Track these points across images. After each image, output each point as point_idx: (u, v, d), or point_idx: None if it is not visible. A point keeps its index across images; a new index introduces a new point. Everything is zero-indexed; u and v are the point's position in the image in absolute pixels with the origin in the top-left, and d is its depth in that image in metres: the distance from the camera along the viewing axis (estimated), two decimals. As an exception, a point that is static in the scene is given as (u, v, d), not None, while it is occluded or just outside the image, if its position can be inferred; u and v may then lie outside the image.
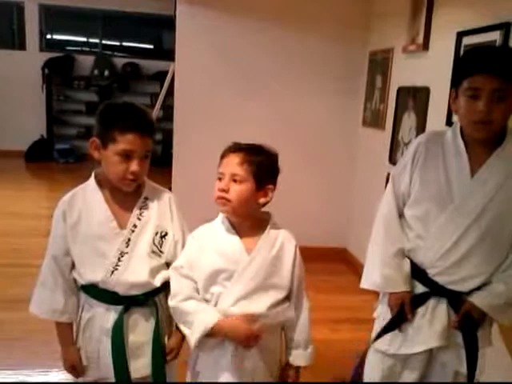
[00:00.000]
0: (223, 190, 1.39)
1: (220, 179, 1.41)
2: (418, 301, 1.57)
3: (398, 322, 1.59)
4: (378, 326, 1.67)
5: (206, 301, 1.43)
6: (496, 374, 2.21)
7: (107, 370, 1.50)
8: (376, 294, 1.76)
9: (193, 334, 1.40)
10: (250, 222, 1.45)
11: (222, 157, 1.43)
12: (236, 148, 1.42)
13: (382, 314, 1.67)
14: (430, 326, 1.54)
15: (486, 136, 1.46)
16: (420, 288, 1.58)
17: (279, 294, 1.44)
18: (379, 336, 1.62)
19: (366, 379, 1.69)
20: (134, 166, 1.43)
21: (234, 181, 1.39)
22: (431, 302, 1.55)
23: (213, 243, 1.44)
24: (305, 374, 1.54)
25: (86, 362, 1.55)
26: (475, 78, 1.41)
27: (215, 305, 1.41)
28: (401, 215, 1.64)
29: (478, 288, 1.51)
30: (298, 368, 1.51)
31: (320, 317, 1.53)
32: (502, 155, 1.47)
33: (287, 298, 1.47)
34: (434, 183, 1.53)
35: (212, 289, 1.42)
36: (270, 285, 1.42)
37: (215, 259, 1.42)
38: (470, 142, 1.51)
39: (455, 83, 1.51)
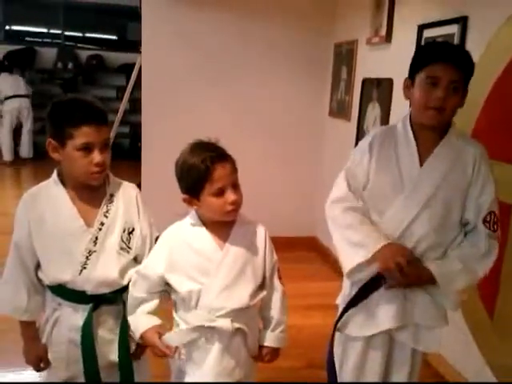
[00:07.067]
0: (237, 201, 1.41)
1: (221, 194, 1.39)
2: (373, 283, 1.60)
3: (362, 296, 1.62)
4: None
5: (184, 300, 1.43)
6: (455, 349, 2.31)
7: (76, 369, 1.50)
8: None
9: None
10: None
11: (210, 171, 1.36)
12: (217, 158, 1.39)
13: (344, 299, 1.71)
14: (387, 307, 1.59)
15: (436, 124, 1.54)
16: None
17: (256, 282, 1.47)
18: (345, 311, 1.65)
19: (337, 362, 1.75)
20: (96, 157, 1.42)
21: (234, 188, 1.41)
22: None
23: (185, 241, 1.46)
24: (279, 359, 1.57)
25: (54, 363, 1.54)
26: (435, 66, 1.49)
27: (197, 302, 1.42)
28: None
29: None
30: (273, 349, 1.52)
31: (291, 304, 1.57)
32: (447, 144, 1.57)
33: (263, 287, 1.51)
34: (388, 173, 1.59)
35: (188, 286, 1.42)
36: (246, 275, 1.45)
37: (188, 256, 1.43)
38: (419, 132, 1.59)
39: (412, 72, 1.58)
